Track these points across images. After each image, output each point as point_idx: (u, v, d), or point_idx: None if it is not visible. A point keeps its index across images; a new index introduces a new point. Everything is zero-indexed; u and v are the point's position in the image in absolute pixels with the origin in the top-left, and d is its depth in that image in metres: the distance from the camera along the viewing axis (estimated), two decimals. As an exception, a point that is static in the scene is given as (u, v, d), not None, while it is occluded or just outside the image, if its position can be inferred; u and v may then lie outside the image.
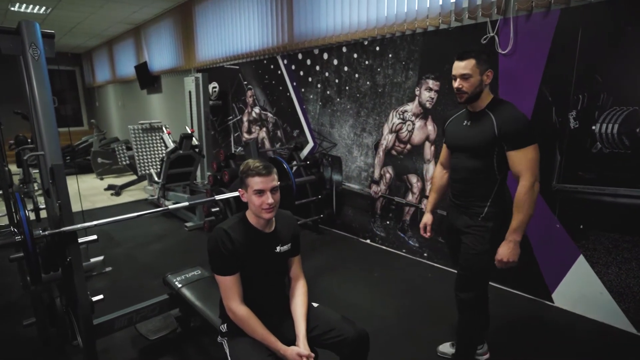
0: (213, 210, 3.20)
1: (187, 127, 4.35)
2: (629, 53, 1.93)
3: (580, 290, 2.25)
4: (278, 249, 1.44)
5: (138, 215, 1.87)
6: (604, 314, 2.17)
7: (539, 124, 2.23)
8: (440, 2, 2.57)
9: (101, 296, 1.80)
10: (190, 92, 4.87)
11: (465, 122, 1.64)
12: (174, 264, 2.68)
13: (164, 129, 4.42)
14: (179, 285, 1.96)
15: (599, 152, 2.07)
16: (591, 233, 2.16)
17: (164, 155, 4.16)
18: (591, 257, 2.19)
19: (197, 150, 4.22)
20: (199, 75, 4.79)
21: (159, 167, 4.50)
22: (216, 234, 1.34)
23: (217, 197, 2.11)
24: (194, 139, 4.17)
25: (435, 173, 1.93)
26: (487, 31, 2.36)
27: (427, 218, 1.91)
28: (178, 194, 4.12)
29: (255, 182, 1.31)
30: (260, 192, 1.31)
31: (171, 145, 4.14)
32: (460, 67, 1.53)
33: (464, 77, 1.52)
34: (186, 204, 1.96)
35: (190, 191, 4.38)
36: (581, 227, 2.19)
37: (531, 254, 2.40)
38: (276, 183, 1.35)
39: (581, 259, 2.22)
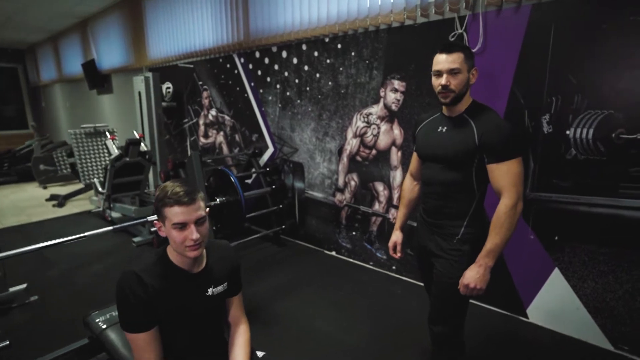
0: None
1: (134, 132, 3.94)
2: (603, 52, 1.79)
3: (555, 305, 2.11)
4: (210, 291, 1.17)
5: (66, 241, 1.54)
6: (580, 330, 2.04)
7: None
8: (405, -3, 2.37)
9: (6, 342, 1.44)
10: (140, 93, 4.45)
11: (440, 127, 1.43)
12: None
13: (107, 134, 3.99)
14: (103, 327, 1.62)
15: (574, 159, 1.93)
16: (566, 245, 2.03)
17: (107, 163, 3.74)
18: (566, 271, 2.05)
19: (146, 156, 3.83)
20: (149, 74, 4.39)
21: (103, 176, 4.06)
22: (123, 280, 1.05)
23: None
24: (142, 144, 3.78)
25: (405, 185, 1.71)
26: (455, 28, 2.18)
27: (396, 236, 1.69)
28: (125, 206, 3.72)
29: (175, 213, 1.03)
30: (181, 226, 1.04)
31: (115, 152, 3.73)
32: (448, 61, 1.32)
33: (452, 72, 1.32)
34: (112, 227, 1.63)
35: (140, 202, 3.97)
36: (556, 238, 2.05)
37: (504, 267, 2.24)
38: (202, 213, 1.08)
39: (556, 272, 2.08)
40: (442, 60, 1.33)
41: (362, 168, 2.90)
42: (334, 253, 3.25)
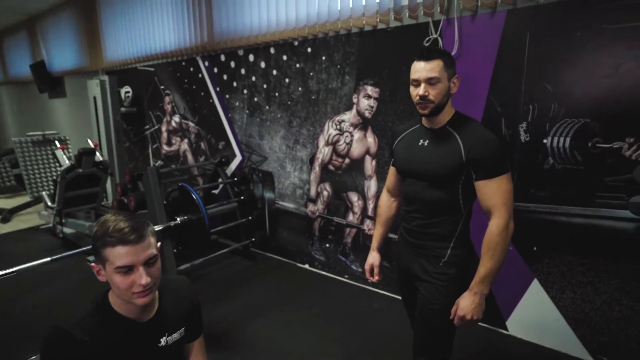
0: None
1: (89, 140, 3.63)
2: (578, 60, 1.76)
3: (535, 317, 2.06)
4: (164, 341, 1.00)
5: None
6: (560, 342, 2.00)
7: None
8: (378, 0, 2.27)
9: None
10: (95, 97, 4.14)
11: (422, 141, 1.32)
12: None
13: (56, 143, 3.65)
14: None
15: (551, 168, 1.89)
16: (545, 255, 1.98)
17: (57, 175, 3.41)
18: (546, 282, 2.01)
19: (102, 167, 3.53)
20: (105, 78, 4.08)
21: (52, 189, 3.71)
22: (50, 342, 0.85)
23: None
24: (97, 154, 3.48)
25: (381, 202, 1.58)
26: (429, 32, 2.10)
27: (373, 258, 1.55)
28: (78, 221, 3.40)
29: (118, 254, 0.85)
30: (127, 270, 0.86)
31: (66, 162, 3.41)
32: (425, 69, 1.21)
33: (430, 81, 1.21)
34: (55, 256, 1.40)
35: (96, 216, 3.65)
36: (535, 249, 2.01)
37: (483, 279, 2.18)
38: (153, 251, 0.90)
39: (535, 283, 2.04)
40: (419, 69, 1.22)
41: (335, 177, 2.78)
42: (307, 266, 3.10)
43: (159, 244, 0.95)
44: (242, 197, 3.20)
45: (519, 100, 1.92)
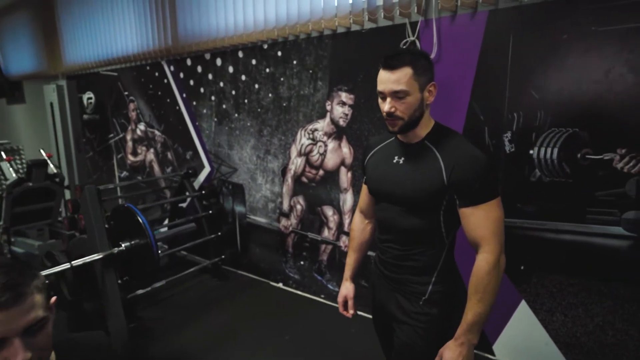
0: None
1: (41, 151, 3.32)
2: (566, 65, 1.63)
3: (523, 341, 1.91)
4: None
5: None
6: (550, 368, 1.85)
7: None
8: (351, 1, 2.10)
9: None
10: (52, 103, 3.83)
11: (396, 158, 1.13)
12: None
13: (2, 153, 3.33)
14: None
15: (539, 181, 1.75)
16: (533, 275, 1.83)
17: (2, 189, 3.09)
18: (534, 303, 1.86)
19: (57, 179, 3.23)
20: (63, 83, 3.78)
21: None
22: None
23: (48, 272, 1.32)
24: (51, 165, 3.18)
25: (354, 224, 1.40)
26: (406, 34, 1.94)
27: (346, 289, 1.36)
28: (27, 241, 3.08)
29: None
30: None
31: (12, 175, 3.10)
32: (390, 80, 1.01)
33: (397, 95, 1.02)
34: None
35: (51, 234, 3.33)
36: (522, 268, 1.86)
37: (467, 301, 2.02)
38: (39, 314, 0.67)
39: (523, 305, 1.89)
40: (384, 80, 1.03)
41: (309, 190, 2.58)
42: (281, 285, 2.89)
43: (53, 299, 0.72)
44: (210, 211, 2.97)
45: (503, 107, 1.78)
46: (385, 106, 1.03)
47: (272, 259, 2.90)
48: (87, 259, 1.69)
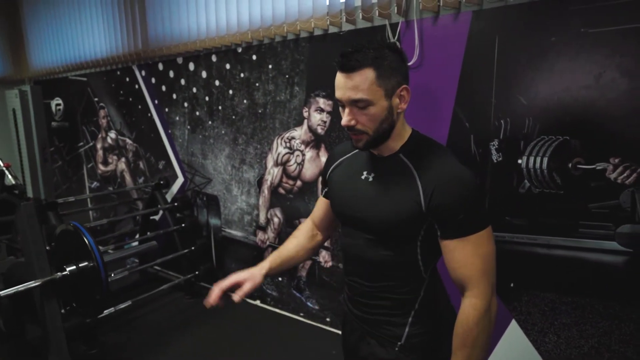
0: None
1: (-1, 160, 3.09)
2: (554, 69, 1.53)
3: (514, 363, 1.79)
4: None
5: None
6: (543, 392, 1.73)
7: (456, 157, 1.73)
8: (328, 2, 1.98)
9: None
10: (14, 110, 3.60)
11: (365, 173, 0.94)
12: None
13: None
14: None
15: (528, 192, 1.64)
16: (524, 293, 1.72)
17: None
18: (525, 323, 1.74)
19: (15, 191, 3.00)
20: (27, 87, 3.56)
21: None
22: None
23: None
24: (8, 176, 2.95)
25: (302, 226, 1.18)
26: (386, 36, 1.83)
27: (249, 273, 1.06)
28: (-19, 258, 2.83)
29: None
30: None
31: (-35, 188, 2.86)
32: (347, 86, 0.82)
33: (356, 105, 0.83)
34: None
35: (8, 250, 3.08)
36: (512, 285, 1.74)
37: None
38: None
39: (514, 324, 1.76)
40: (340, 85, 0.84)
41: (286, 202, 2.43)
42: (258, 302, 2.71)
43: None
44: (183, 225, 2.79)
45: (489, 114, 1.67)
46: (344, 118, 0.85)
47: (249, 275, 2.73)
48: (21, 286, 1.46)
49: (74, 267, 1.57)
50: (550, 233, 1.62)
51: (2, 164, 2.95)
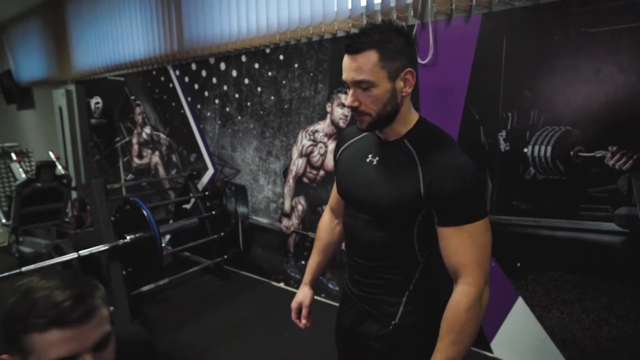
0: None
1: (50, 153, 3.41)
2: (557, 66, 1.67)
3: (520, 337, 1.93)
4: None
5: None
6: (548, 365, 1.87)
7: (466, 147, 1.89)
8: (350, 6, 2.17)
9: None
10: (60, 108, 3.93)
11: (370, 157, 0.95)
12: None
13: (12, 155, 3.42)
14: None
15: (533, 179, 1.78)
16: (530, 272, 1.86)
17: (12, 189, 3.17)
18: (531, 300, 1.88)
19: (64, 181, 3.31)
20: (72, 87, 3.89)
21: (7, 206, 3.45)
22: None
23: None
24: (59, 167, 3.26)
25: (322, 223, 1.22)
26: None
27: (303, 294, 1.18)
28: (35, 240, 3.15)
29: (53, 342, 0.59)
30: None
31: (22, 176, 3.18)
32: (351, 67, 0.85)
33: (359, 86, 0.85)
34: None
35: (58, 234, 3.40)
36: (518, 265, 1.89)
37: (465, 298, 2.04)
38: (106, 328, 0.65)
39: (520, 301, 1.91)
40: (345, 66, 0.86)
41: (310, 191, 2.63)
42: (282, 285, 2.92)
43: (111, 308, 0.70)
44: (213, 212, 3.02)
45: (498, 107, 1.82)
46: (347, 99, 0.87)
47: (274, 259, 2.94)
48: (94, 249, 1.76)
49: (134, 235, 1.83)
50: (553, 216, 1.76)
51: (53, 156, 3.26)
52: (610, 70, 1.56)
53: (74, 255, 1.69)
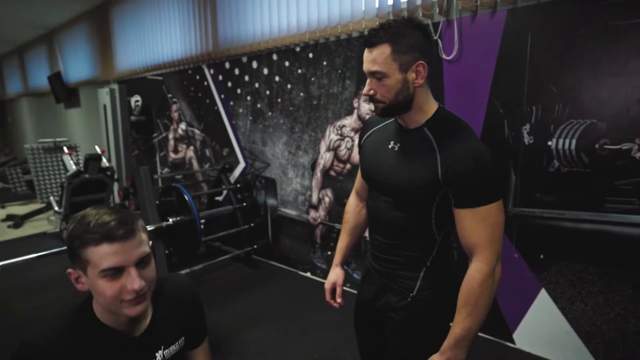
0: None
1: (96, 147, 3.68)
2: (582, 59, 1.69)
3: (543, 329, 1.95)
4: (159, 355, 0.86)
5: None
6: (571, 357, 1.88)
7: (490, 140, 1.94)
8: (377, 4, 2.25)
9: None
10: (105, 105, 4.22)
11: (392, 143, 1.03)
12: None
13: (64, 149, 3.73)
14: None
15: (557, 171, 1.81)
16: (553, 263, 1.88)
17: (64, 180, 3.46)
18: (554, 292, 1.90)
19: (108, 173, 3.57)
20: (115, 86, 4.17)
21: (60, 194, 3.76)
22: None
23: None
24: (104, 160, 3.52)
25: (349, 206, 1.30)
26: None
27: (335, 275, 1.26)
28: (83, 227, 3.42)
29: (104, 254, 0.72)
30: (115, 272, 0.73)
31: (72, 168, 3.46)
32: (367, 59, 0.93)
33: (374, 76, 0.94)
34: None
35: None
36: (541, 256, 1.91)
37: (488, 289, 2.08)
38: (146, 249, 0.77)
39: (543, 293, 1.93)
40: (364, 59, 0.94)
41: (337, 183, 2.73)
42: (309, 274, 3.04)
43: (150, 242, 0.82)
44: (244, 204, 3.18)
45: (522, 101, 1.86)
46: (365, 88, 0.96)
47: (301, 249, 3.06)
48: None
49: (176, 218, 2.00)
50: (577, 208, 1.78)
51: (99, 150, 3.53)
52: (637, 63, 1.56)
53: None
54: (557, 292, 1.89)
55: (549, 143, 1.80)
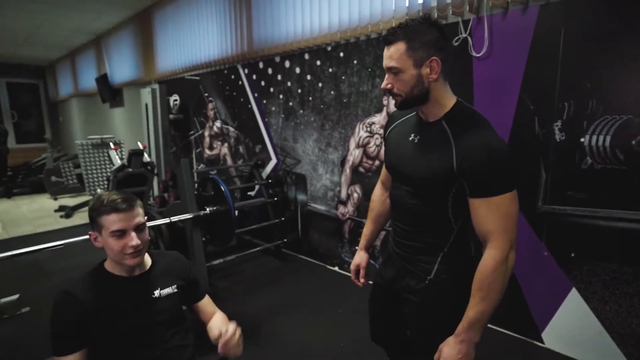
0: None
1: (138, 143, 3.93)
2: (618, 54, 1.66)
3: (573, 329, 1.92)
4: (157, 293, 1.14)
5: (42, 249, 1.77)
6: (602, 359, 1.84)
7: (520, 137, 1.93)
8: (407, 3, 2.29)
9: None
10: (146, 104, 4.48)
11: (412, 135, 1.09)
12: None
13: (110, 144, 4.00)
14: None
15: (590, 169, 1.78)
16: (584, 262, 1.85)
17: (110, 173, 3.72)
18: (585, 291, 1.87)
19: (149, 167, 3.79)
20: (156, 86, 4.42)
21: (106, 186, 4.04)
22: (55, 302, 1.04)
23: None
24: (145, 155, 3.75)
25: (374, 195, 1.39)
26: (459, 32, 2.08)
27: (360, 257, 1.37)
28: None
29: (112, 220, 1.04)
30: (120, 233, 1.05)
31: (118, 162, 3.71)
32: (385, 56, 1.01)
33: (391, 71, 1.01)
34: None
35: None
36: (572, 255, 1.88)
37: (517, 286, 2.07)
38: (141, 219, 1.09)
39: (574, 292, 1.90)
40: (384, 55, 1.02)
41: (365, 180, 2.78)
42: (336, 268, 3.11)
43: (146, 217, 1.13)
44: (275, 198, 3.30)
45: (553, 97, 1.84)
46: (383, 82, 1.04)
47: (330, 244, 3.14)
48: (182, 216, 2.13)
49: (213, 208, 2.15)
50: (612, 206, 1.74)
51: (141, 146, 3.76)
52: (677, 57, 1.52)
53: (166, 220, 2.05)
54: (588, 292, 1.86)
55: (582, 140, 1.78)
